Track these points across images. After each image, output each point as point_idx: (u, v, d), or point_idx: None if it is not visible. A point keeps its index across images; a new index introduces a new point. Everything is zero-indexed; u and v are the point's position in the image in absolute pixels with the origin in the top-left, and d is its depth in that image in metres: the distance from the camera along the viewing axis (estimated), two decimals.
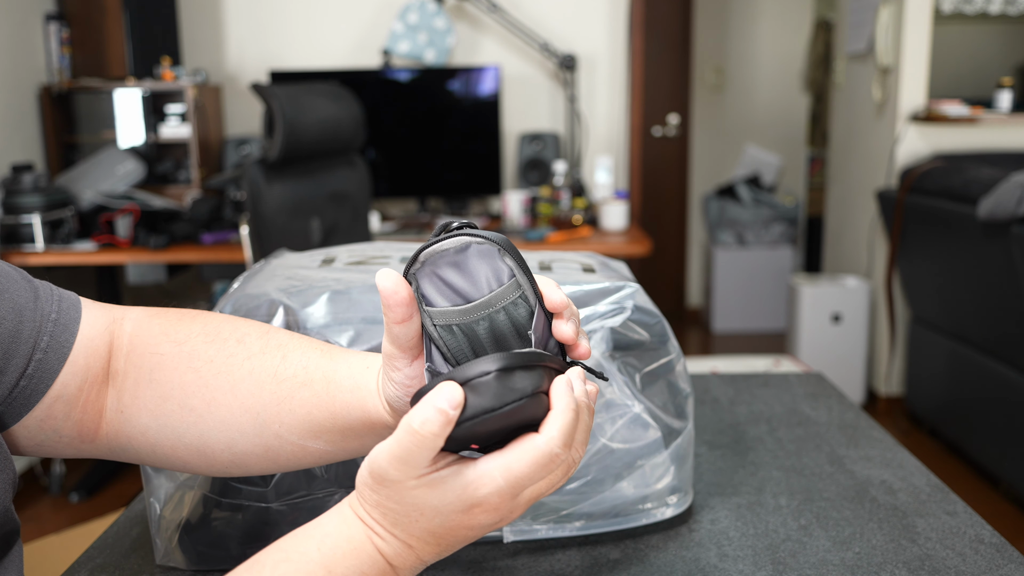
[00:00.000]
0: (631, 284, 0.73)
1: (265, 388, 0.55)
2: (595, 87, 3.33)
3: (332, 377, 0.54)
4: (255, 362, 0.56)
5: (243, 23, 3.29)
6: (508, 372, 0.43)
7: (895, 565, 0.66)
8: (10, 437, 0.55)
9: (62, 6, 2.98)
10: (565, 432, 0.44)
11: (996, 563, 0.66)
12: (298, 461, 0.57)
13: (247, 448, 0.56)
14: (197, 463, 0.58)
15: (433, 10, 3.06)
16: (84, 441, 0.57)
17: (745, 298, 4.49)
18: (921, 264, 2.95)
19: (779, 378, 1.12)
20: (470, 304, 0.47)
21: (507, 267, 0.47)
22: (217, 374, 0.56)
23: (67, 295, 0.57)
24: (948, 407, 2.92)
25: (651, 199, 4.56)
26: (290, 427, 0.55)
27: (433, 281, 0.47)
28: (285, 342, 0.57)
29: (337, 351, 0.57)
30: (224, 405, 0.55)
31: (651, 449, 0.70)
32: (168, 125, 3.02)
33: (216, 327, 0.58)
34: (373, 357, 0.55)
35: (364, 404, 0.53)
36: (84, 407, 0.56)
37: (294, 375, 0.55)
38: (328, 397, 0.54)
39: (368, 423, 0.53)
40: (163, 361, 0.56)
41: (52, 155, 3.01)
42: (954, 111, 3.06)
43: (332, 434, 0.55)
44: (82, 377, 0.55)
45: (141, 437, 0.57)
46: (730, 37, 4.81)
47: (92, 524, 2.39)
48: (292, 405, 0.54)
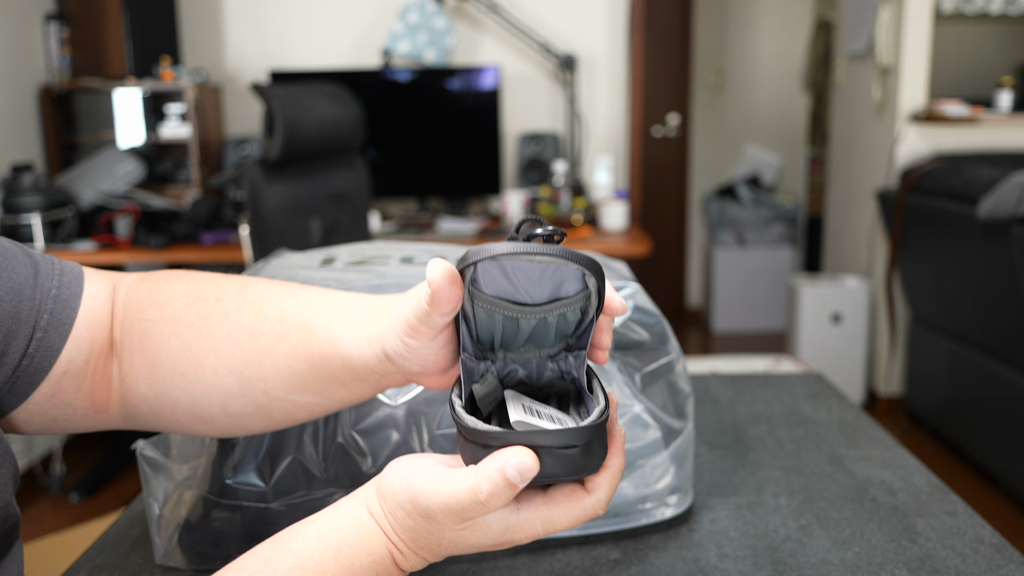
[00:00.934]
0: (631, 284, 0.73)
1: (244, 346, 0.53)
2: (595, 87, 3.33)
3: (306, 327, 0.52)
4: (233, 320, 0.54)
5: (243, 23, 3.29)
6: (590, 445, 0.42)
7: (895, 565, 0.66)
8: (20, 416, 0.54)
9: (62, 6, 2.98)
10: (611, 495, 0.44)
11: (996, 563, 0.66)
12: (293, 416, 0.55)
13: (239, 408, 0.55)
14: (199, 426, 0.57)
15: (433, 10, 3.06)
16: (99, 411, 0.57)
17: (745, 298, 4.49)
18: (921, 264, 2.95)
19: (779, 378, 1.12)
20: (531, 308, 0.45)
21: (582, 283, 0.44)
22: (199, 336, 0.54)
23: (69, 267, 0.56)
24: (948, 407, 2.92)
25: (651, 199, 4.55)
26: (274, 383, 0.53)
27: (494, 273, 0.44)
28: (261, 294, 0.55)
29: (311, 298, 0.54)
30: (209, 368, 0.54)
31: (651, 449, 0.70)
32: (168, 125, 3.02)
33: (197, 287, 0.56)
34: (351, 303, 0.53)
35: (343, 353, 0.51)
36: (93, 378, 0.55)
37: (270, 329, 0.53)
38: (305, 348, 0.52)
39: (351, 371, 0.51)
40: (149, 327, 0.55)
41: (52, 155, 3.01)
42: (954, 111, 3.06)
43: (316, 385, 0.53)
44: (88, 350, 0.55)
45: (144, 405, 0.56)
46: (730, 37, 4.81)
47: (92, 524, 2.39)
48: (272, 360, 0.53)
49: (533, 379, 0.50)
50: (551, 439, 0.41)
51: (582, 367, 0.48)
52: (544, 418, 0.47)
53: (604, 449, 0.44)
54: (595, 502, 0.44)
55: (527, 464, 0.40)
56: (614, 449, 0.45)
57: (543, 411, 0.48)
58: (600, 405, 0.45)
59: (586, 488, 0.44)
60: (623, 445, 0.46)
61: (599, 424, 0.43)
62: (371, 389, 0.53)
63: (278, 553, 0.45)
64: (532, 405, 0.48)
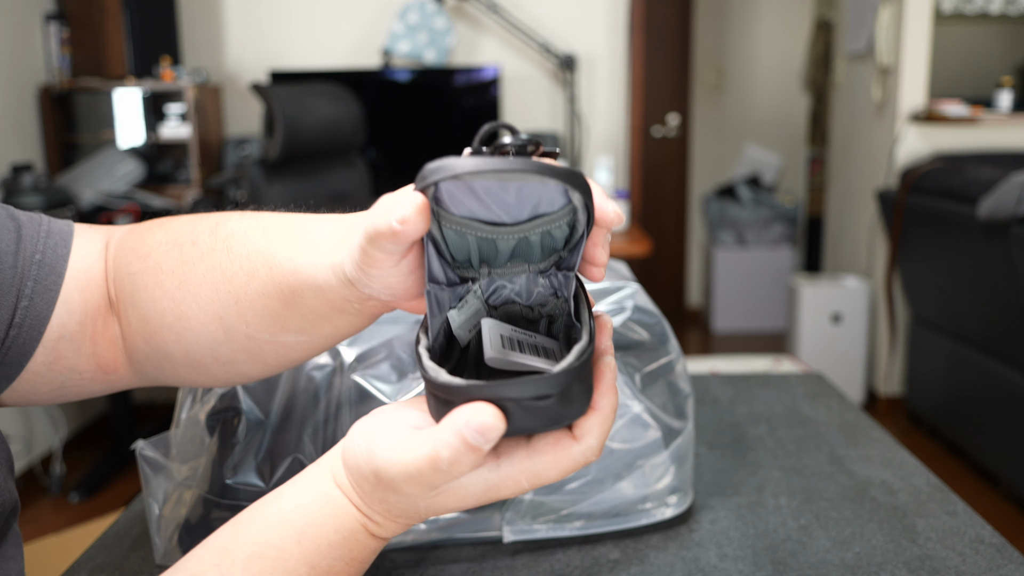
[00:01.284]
0: (631, 284, 0.73)
1: (220, 290, 0.49)
2: (595, 87, 3.33)
3: (272, 261, 0.48)
4: (207, 263, 0.50)
5: (243, 23, 3.29)
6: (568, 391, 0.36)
7: (895, 565, 0.66)
8: (23, 387, 0.53)
9: (62, 6, 2.98)
10: (604, 440, 0.39)
11: (996, 563, 0.66)
12: (286, 358, 0.52)
13: (230, 356, 0.51)
14: (199, 378, 0.54)
15: (433, 10, 3.06)
16: (108, 373, 0.55)
17: (745, 298, 4.49)
18: (921, 264, 2.95)
19: (779, 378, 1.12)
20: (507, 228, 0.39)
21: (566, 197, 0.38)
22: (179, 285, 0.51)
23: (57, 227, 0.54)
24: (948, 407, 2.92)
25: (651, 199, 4.55)
26: (256, 325, 0.49)
27: (461, 191, 0.38)
28: (233, 231, 0.50)
29: (275, 228, 0.49)
30: (193, 317, 0.51)
31: (651, 449, 0.70)
32: (168, 125, 3.02)
33: (175, 232, 0.53)
34: (313, 228, 0.48)
35: (312, 285, 0.46)
36: (94, 340, 0.53)
37: (240, 268, 0.49)
38: (274, 285, 0.47)
39: (327, 303, 0.46)
40: (136, 281, 0.52)
41: (52, 155, 3.01)
42: (954, 111, 3.06)
43: (297, 322, 0.48)
44: (81, 312, 0.53)
45: (147, 362, 0.54)
46: (730, 37, 4.81)
47: (92, 524, 2.39)
48: (248, 301, 0.49)
49: (523, 297, 0.44)
50: (518, 390, 0.35)
51: (571, 287, 0.42)
52: (527, 350, 0.42)
53: (588, 392, 0.38)
54: (584, 449, 0.39)
55: (489, 424, 0.35)
56: (603, 387, 0.40)
57: (527, 341, 0.43)
58: (581, 342, 0.38)
59: (574, 435, 0.39)
60: (614, 381, 0.40)
61: (576, 368, 0.36)
62: (357, 319, 0.48)
63: (236, 541, 0.41)
64: (514, 335, 0.43)
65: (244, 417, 0.65)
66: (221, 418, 0.66)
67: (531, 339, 0.43)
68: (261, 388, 0.67)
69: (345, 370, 0.66)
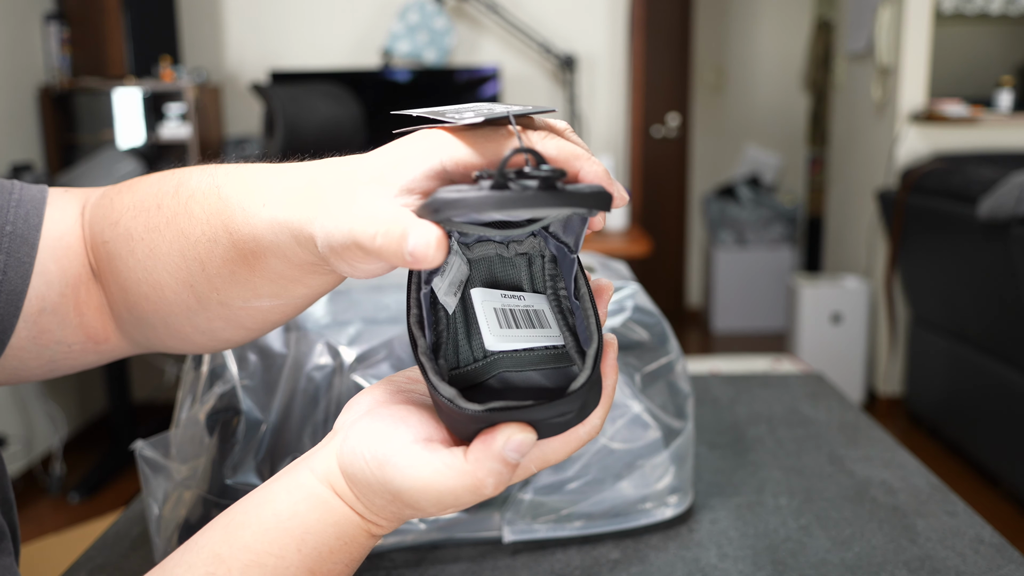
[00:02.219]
0: (631, 284, 0.73)
1: (187, 255, 0.47)
2: (595, 87, 3.33)
3: (231, 226, 0.44)
4: (172, 228, 0.47)
5: (243, 23, 3.29)
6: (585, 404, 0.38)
7: (895, 565, 0.65)
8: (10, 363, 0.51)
9: (61, 6, 2.98)
10: (605, 416, 0.40)
11: (996, 563, 0.66)
12: (265, 321, 0.49)
13: (208, 324, 0.49)
14: (183, 346, 0.52)
15: (433, 10, 3.06)
16: (99, 343, 0.53)
17: (745, 298, 4.49)
18: (921, 264, 2.95)
19: (779, 378, 1.12)
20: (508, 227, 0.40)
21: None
22: (149, 254, 0.48)
23: (29, 195, 0.51)
24: (948, 407, 2.92)
25: (651, 199, 4.55)
26: (226, 293, 0.47)
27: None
28: (192, 191, 0.47)
29: (230, 187, 0.45)
30: (166, 286, 0.48)
31: (651, 449, 0.70)
32: (168, 125, 3.02)
33: (142, 195, 0.50)
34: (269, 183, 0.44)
35: (274, 249, 0.43)
36: (79, 310, 0.51)
37: (202, 233, 0.46)
38: (236, 251, 0.44)
39: (295, 267, 0.43)
40: (110, 250, 0.50)
41: (52, 155, 3.00)
42: (954, 111, 3.05)
43: (268, 287, 0.46)
44: (60, 283, 0.50)
45: (133, 330, 0.52)
46: (730, 37, 4.81)
47: (92, 524, 2.39)
48: (215, 267, 0.46)
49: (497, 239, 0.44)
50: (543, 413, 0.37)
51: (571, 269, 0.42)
52: (523, 323, 0.42)
53: (599, 388, 0.39)
54: (590, 430, 0.40)
55: (527, 442, 0.37)
56: (606, 369, 0.41)
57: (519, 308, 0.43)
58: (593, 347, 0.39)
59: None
60: (616, 358, 0.41)
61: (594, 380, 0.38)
62: (332, 278, 0.45)
63: (231, 548, 0.40)
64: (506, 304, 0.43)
65: (244, 417, 0.65)
66: (221, 418, 0.66)
67: (522, 303, 0.43)
68: (261, 388, 0.66)
69: (345, 370, 0.66)
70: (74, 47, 2.98)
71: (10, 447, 2.68)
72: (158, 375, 3.31)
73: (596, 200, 0.36)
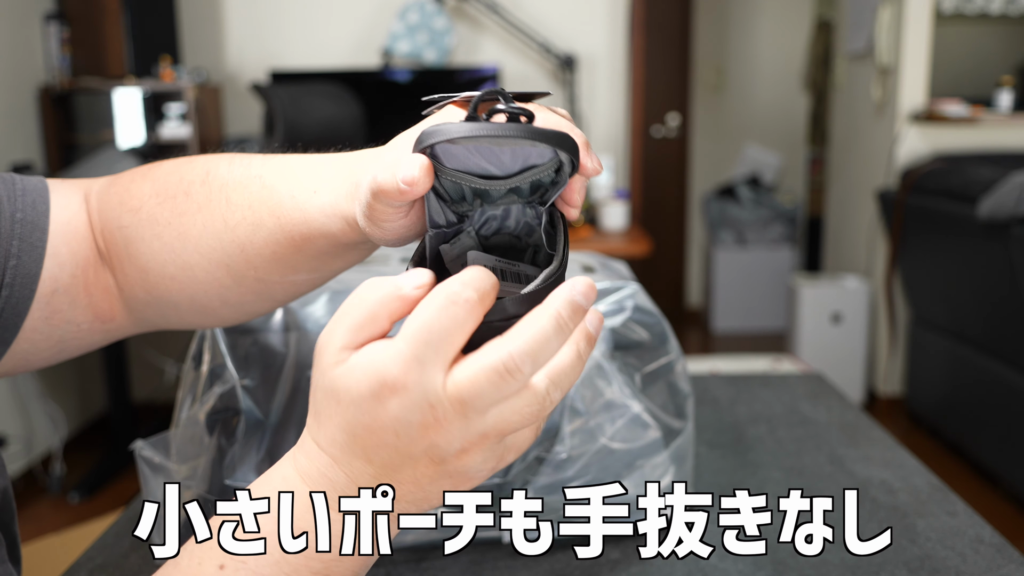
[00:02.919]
0: (631, 284, 0.73)
1: (223, 239, 0.51)
2: (595, 87, 3.33)
3: (278, 211, 0.49)
4: (205, 214, 0.51)
5: (243, 23, 3.29)
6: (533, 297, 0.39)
7: (895, 565, 0.65)
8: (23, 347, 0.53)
9: (62, 6, 2.98)
10: (533, 340, 0.36)
11: (996, 563, 0.66)
12: (296, 293, 0.54)
13: (240, 298, 0.53)
14: (206, 320, 0.56)
15: (433, 10, 3.06)
16: (105, 322, 0.55)
17: (745, 298, 4.49)
18: (921, 264, 2.95)
19: (779, 378, 1.12)
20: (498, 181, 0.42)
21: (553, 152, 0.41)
22: (178, 236, 0.52)
23: (32, 185, 0.54)
24: (948, 407, 2.92)
25: (651, 199, 4.55)
26: (265, 269, 0.51)
27: (455, 151, 0.41)
28: (227, 180, 0.52)
29: (276, 178, 0.50)
30: (197, 266, 0.52)
31: (651, 449, 0.70)
32: (168, 125, 3.02)
33: (164, 183, 0.53)
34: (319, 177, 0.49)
35: (324, 231, 0.48)
36: (88, 290, 0.54)
37: (243, 218, 0.50)
38: (283, 234, 0.49)
39: (338, 246, 0.49)
40: (129, 234, 0.53)
41: (52, 155, 3.00)
42: (954, 111, 3.05)
43: (309, 263, 0.51)
44: (72, 264, 0.53)
45: (148, 310, 0.55)
46: (730, 37, 4.81)
47: (92, 524, 2.39)
48: (256, 248, 0.50)
49: (512, 227, 0.47)
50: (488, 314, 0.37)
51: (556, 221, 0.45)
52: (509, 278, 0.45)
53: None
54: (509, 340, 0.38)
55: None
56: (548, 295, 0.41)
57: (510, 270, 0.46)
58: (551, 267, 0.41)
59: None
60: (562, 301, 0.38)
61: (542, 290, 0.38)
62: (365, 251, 0.51)
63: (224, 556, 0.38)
64: (498, 264, 0.45)
65: (244, 417, 0.65)
66: (221, 418, 0.66)
67: (514, 268, 0.46)
68: (261, 388, 0.66)
69: None
70: (74, 47, 2.98)
71: (10, 447, 2.68)
72: (158, 375, 3.31)
73: (558, 140, 0.40)
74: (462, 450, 0.37)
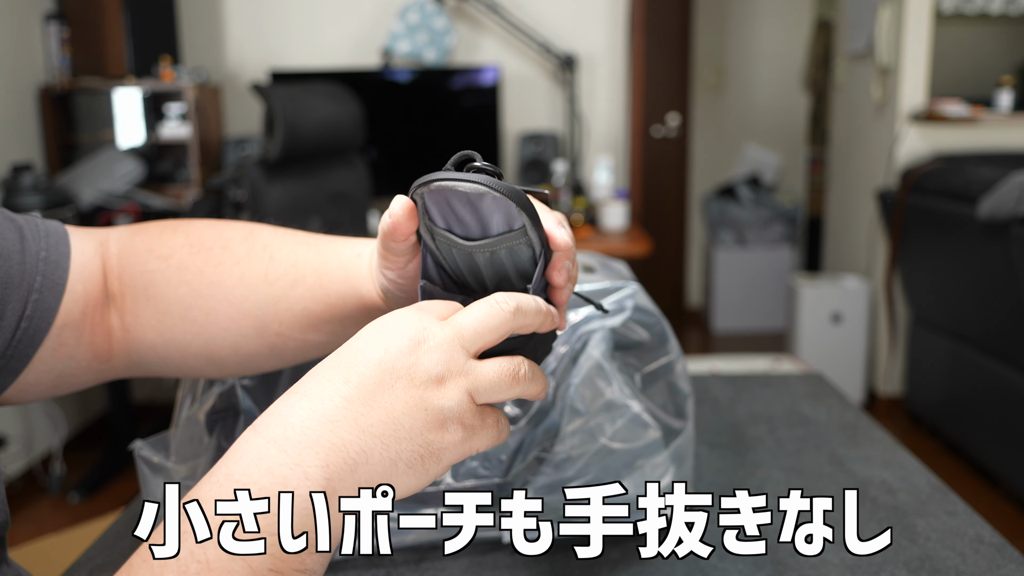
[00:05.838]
0: (631, 284, 0.73)
1: (258, 291, 0.56)
2: (595, 87, 3.33)
3: (322, 270, 0.55)
4: (244, 267, 0.56)
5: (243, 23, 3.28)
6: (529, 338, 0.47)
7: (895, 565, 0.65)
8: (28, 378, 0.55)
9: (62, 6, 2.98)
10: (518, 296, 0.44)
11: (996, 563, 0.66)
12: (304, 354, 0.58)
13: (252, 349, 0.57)
14: (208, 369, 0.59)
15: (433, 10, 3.06)
16: (101, 362, 0.58)
17: (745, 298, 4.49)
18: (921, 264, 2.95)
19: (779, 378, 1.11)
20: (475, 242, 0.47)
21: (519, 218, 0.46)
22: (209, 284, 0.56)
23: (53, 228, 0.58)
24: (948, 407, 2.92)
25: (651, 199, 4.55)
26: (290, 325, 0.56)
27: (440, 205, 0.47)
28: (270, 241, 0.58)
29: (324, 242, 0.58)
30: (222, 313, 0.56)
31: (651, 449, 0.70)
32: (168, 125, 3.02)
33: (199, 236, 0.58)
34: (363, 244, 0.57)
35: (358, 292, 0.54)
36: (92, 329, 0.57)
37: (284, 274, 0.56)
38: (322, 291, 0.55)
39: (365, 309, 0.55)
40: (154, 278, 0.57)
41: (52, 155, 3.00)
42: (954, 111, 3.05)
43: (332, 324, 0.56)
44: (83, 303, 0.57)
45: (151, 352, 0.58)
46: (730, 37, 4.81)
47: (92, 524, 2.39)
48: (288, 303, 0.55)
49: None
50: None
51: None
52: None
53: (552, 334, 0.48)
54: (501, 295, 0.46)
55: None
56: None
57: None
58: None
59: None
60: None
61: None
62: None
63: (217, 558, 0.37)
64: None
65: (244, 417, 0.65)
66: (220, 418, 0.66)
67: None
68: (261, 388, 0.66)
69: None
70: (74, 47, 2.98)
71: (10, 447, 2.68)
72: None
73: (514, 194, 0.44)
74: (440, 377, 0.40)
